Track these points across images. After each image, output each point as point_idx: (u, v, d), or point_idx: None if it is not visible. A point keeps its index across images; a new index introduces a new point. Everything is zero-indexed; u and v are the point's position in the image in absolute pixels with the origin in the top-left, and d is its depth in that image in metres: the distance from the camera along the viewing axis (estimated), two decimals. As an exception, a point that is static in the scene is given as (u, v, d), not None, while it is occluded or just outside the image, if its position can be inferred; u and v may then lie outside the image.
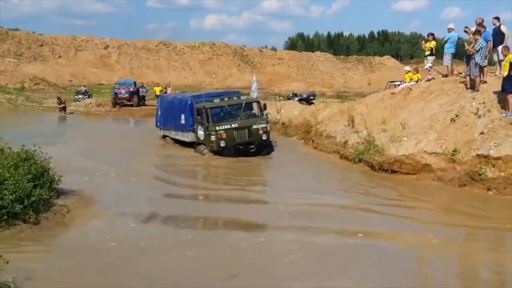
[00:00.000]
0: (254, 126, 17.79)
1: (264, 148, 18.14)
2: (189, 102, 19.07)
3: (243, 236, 9.56)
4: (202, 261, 8.18)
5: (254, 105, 18.96)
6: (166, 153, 19.56)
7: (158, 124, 22.22)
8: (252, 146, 17.65)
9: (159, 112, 22.14)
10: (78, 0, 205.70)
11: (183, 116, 19.29)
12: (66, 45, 79.43)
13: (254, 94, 22.07)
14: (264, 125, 18.05)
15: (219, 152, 17.40)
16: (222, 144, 17.32)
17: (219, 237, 9.63)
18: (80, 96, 38.92)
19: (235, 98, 19.19)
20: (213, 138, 17.38)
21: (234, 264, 8.07)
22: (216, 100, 18.53)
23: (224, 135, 17.31)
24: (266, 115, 19.06)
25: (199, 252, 8.52)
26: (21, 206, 9.09)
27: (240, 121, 17.79)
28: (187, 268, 7.92)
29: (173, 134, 20.70)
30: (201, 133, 18.02)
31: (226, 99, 18.80)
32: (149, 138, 22.26)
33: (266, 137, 18.03)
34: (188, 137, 19.20)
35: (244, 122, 17.78)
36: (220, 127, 17.36)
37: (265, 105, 19.56)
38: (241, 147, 17.52)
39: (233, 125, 17.53)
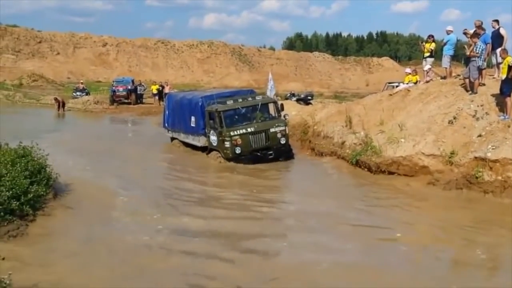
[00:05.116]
0: (272, 130, 16.43)
1: (282, 153, 16.81)
2: (199, 104, 17.59)
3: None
4: None
5: (271, 105, 17.58)
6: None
7: (166, 125, 20.81)
8: (270, 152, 16.36)
9: (167, 112, 20.65)
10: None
11: (193, 119, 17.91)
12: (64, 42, 79.23)
13: (271, 93, 20.95)
14: (282, 128, 16.66)
15: (234, 159, 16.16)
16: (238, 150, 16.00)
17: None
18: (78, 93, 38.89)
19: (249, 99, 17.45)
20: (227, 144, 16.06)
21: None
22: (229, 102, 16.88)
23: (239, 141, 16.00)
24: (284, 116, 17.52)
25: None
26: (17, 203, 9.08)
27: (256, 124, 16.48)
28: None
29: (183, 137, 19.33)
30: (214, 138, 16.66)
31: (240, 100, 17.12)
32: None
33: (285, 141, 16.66)
34: (199, 141, 17.81)
35: (260, 126, 16.44)
36: (235, 132, 16.04)
37: (282, 105, 18.13)
38: (258, 153, 16.25)
39: (249, 129, 16.22)
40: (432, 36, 17.43)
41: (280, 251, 8.88)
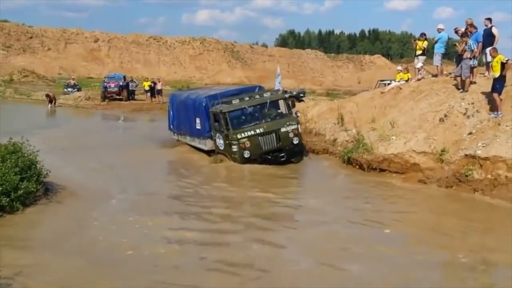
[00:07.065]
0: (283, 129, 15.14)
1: (295, 154, 15.58)
2: (203, 104, 16.27)
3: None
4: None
5: (281, 102, 16.25)
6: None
7: (171, 127, 19.56)
8: (282, 154, 15.08)
9: (171, 113, 19.45)
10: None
11: (198, 121, 16.68)
12: (55, 37, 78.90)
13: (278, 88, 19.91)
14: (294, 127, 15.37)
15: (243, 163, 14.93)
16: (246, 154, 14.81)
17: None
18: (69, 89, 38.78)
19: (257, 96, 15.96)
20: (235, 148, 14.92)
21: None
22: (235, 101, 15.47)
23: (248, 144, 14.81)
24: (296, 113, 16.18)
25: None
26: (7, 199, 9.04)
27: (266, 124, 15.14)
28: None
29: (189, 140, 18.07)
30: (220, 142, 15.52)
31: (247, 98, 15.69)
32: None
33: (297, 141, 15.37)
34: (206, 144, 16.51)
35: (270, 125, 15.13)
36: (243, 134, 14.85)
37: (293, 102, 16.81)
38: (269, 156, 15.00)
39: (257, 131, 14.94)
40: (425, 34, 17.48)
41: (261, 247, 8.69)
